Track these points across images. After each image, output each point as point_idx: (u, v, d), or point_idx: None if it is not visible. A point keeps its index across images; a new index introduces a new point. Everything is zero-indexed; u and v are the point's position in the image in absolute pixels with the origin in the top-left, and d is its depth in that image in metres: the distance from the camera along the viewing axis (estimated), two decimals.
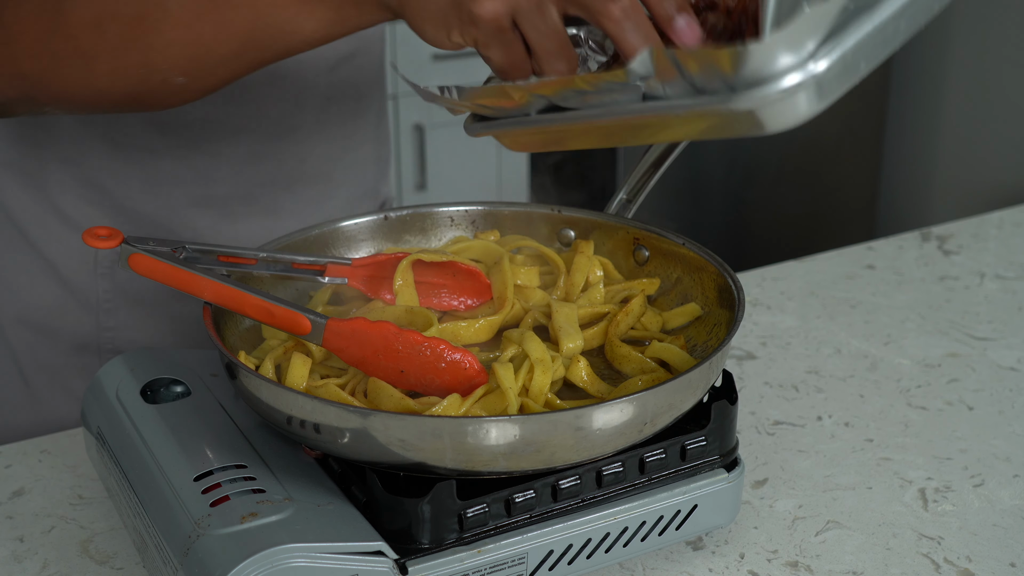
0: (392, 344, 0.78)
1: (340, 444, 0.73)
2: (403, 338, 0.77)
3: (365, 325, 0.78)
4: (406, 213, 0.96)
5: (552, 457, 0.73)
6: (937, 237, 1.40)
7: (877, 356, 1.13)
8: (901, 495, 0.92)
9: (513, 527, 0.75)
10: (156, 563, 0.75)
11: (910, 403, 1.05)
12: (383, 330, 0.78)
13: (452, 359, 0.77)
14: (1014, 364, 1.12)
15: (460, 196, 2.63)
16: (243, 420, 0.82)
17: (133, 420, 0.82)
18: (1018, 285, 1.28)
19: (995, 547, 0.86)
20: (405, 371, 0.78)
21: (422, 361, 0.77)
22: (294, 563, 0.69)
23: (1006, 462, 0.97)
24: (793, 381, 1.09)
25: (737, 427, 0.84)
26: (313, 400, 0.72)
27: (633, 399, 0.73)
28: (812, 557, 0.85)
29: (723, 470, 0.82)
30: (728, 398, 0.82)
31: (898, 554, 0.86)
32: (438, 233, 0.97)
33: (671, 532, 0.81)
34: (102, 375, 0.87)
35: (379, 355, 0.78)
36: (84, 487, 0.92)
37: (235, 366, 0.76)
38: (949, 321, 1.20)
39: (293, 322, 0.79)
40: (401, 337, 0.77)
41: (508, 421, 0.70)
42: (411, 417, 0.71)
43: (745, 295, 0.84)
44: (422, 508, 0.72)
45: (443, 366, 0.77)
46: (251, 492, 0.74)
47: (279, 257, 0.88)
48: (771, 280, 1.29)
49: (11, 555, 0.84)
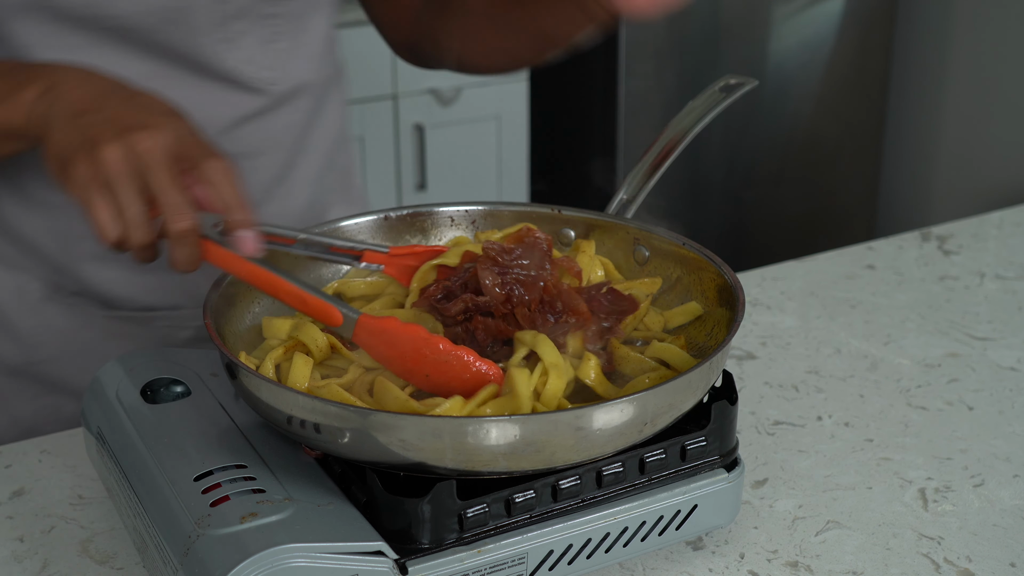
0: (420, 349, 0.78)
1: (340, 444, 0.73)
2: (431, 344, 0.78)
3: (396, 326, 0.79)
4: (406, 213, 0.96)
5: (552, 457, 0.72)
6: (937, 237, 1.40)
7: (877, 356, 1.13)
8: (901, 495, 0.92)
9: (513, 527, 0.75)
10: (156, 563, 0.75)
11: (910, 403, 1.05)
12: (413, 333, 0.78)
13: (478, 369, 0.77)
14: (1014, 364, 1.12)
15: (460, 196, 2.63)
16: (243, 420, 0.82)
17: (133, 420, 0.82)
18: (1018, 285, 1.28)
19: (995, 547, 0.86)
20: (430, 376, 0.78)
21: (448, 368, 0.77)
22: (294, 563, 0.69)
23: (1006, 462, 0.97)
24: (793, 381, 1.09)
25: (737, 427, 0.84)
26: (313, 400, 0.72)
27: (633, 399, 0.73)
28: (812, 557, 0.85)
29: (723, 470, 0.82)
30: (728, 398, 0.82)
31: (898, 554, 0.85)
32: (438, 233, 0.97)
33: (671, 532, 0.81)
34: (102, 375, 0.87)
35: (406, 358, 0.78)
36: (84, 487, 0.92)
37: (235, 366, 0.76)
38: (949, 321, 1.20)
39: (326, 313, 0.80)
40: (430, 343, 0.78)
41: (508, 421, 0.70)
42: (411, 417, 0.71)
43: (745, 295, 0.84)
44: (422, 508, 0.72)
45: (467, 376, 0.77)
46: (251, 492, 0.74)
47: (317, 239, 0.88)
48: (771, 280, 1.29)
49: (11, 555, 0.84)
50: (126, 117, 0.77)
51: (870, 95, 3.07)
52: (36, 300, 1.05)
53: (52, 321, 1.06)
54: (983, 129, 2.98)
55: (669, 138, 1.00)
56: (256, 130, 1.03)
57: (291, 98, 1.05)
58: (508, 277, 0.84)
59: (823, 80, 2.93)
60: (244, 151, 1.03)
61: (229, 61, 0.99)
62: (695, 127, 1.01)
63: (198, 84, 0.99)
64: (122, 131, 0.75)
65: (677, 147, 0.98)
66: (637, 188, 0.97)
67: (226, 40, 0.98)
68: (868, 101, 3.07)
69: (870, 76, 3.04)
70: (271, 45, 1.01)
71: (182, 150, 0.77)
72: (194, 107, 0.91)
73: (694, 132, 1.00)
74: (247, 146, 1.03)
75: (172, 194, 0.75)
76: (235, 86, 1.00)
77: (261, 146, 1.05)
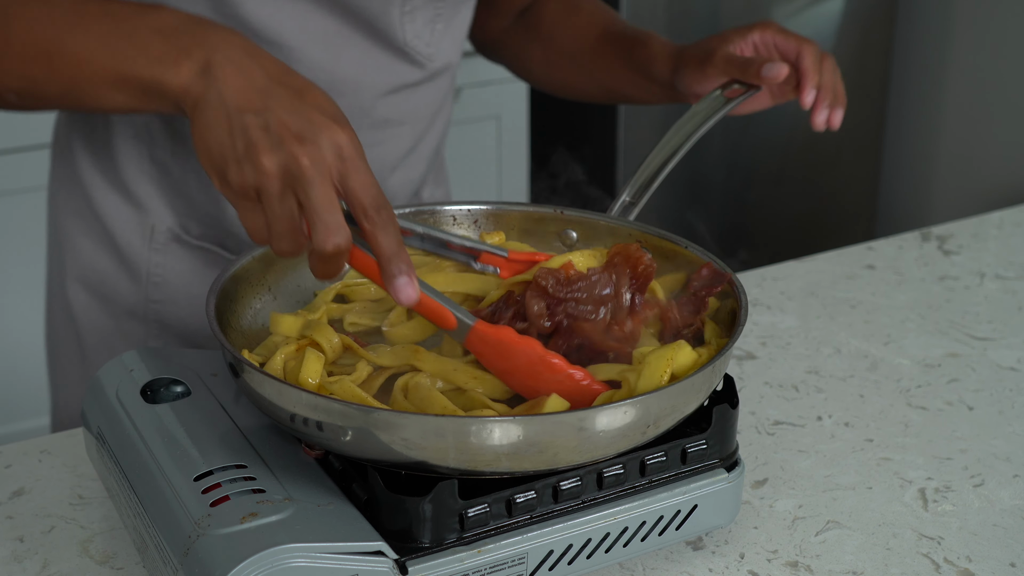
0: (536, 366, 0.78)
1: (343, 442, 0.73)
2: (547, 363, 0.77)
3: (512, 338, 0.78)
4: (408, 212, 0.96)
5: (555, 458, 0.73)
6: (937, 237, 1.40)
7: (877, 356, 1.13)
8: (901, 495, 0.92)
9: (513, 527, 0.75)
10: (156, 563, 0.75)
11: (910, 403, 1.05)
12: (528, 348, 0.78)
13: (593, 390, 0.78)
14: (1014, 364, 1.12)
15: (460, 196, 2.63)
16: (243, 420, 0.82)
17: (133, 420, 0.82)
18: (1018, 285, 1.28)
19: (995, 547, 0.86)
20: (538, 388, 0.78)
21: (562, 388, 0.77)
22: (294, 563, 0.69)
23: (1006, 462, 0.97)
24: (793, 381, 1.09)
25: (737, 428, 0.84)
26: (316, 397, 0.72)
27: (636, 402, 0.73)
28: (812, 557, 0.85)
29: (723, 470, 0.82)
30: (729, 402, 0.82)
31: (898, 554, 0.86)
32: None
33: (671, 532, 0.81)
34: (102, 375, 0.87)
35: (519, 371, 0.78)
36: (84, 487, 0.92)
37: (240, 362, 0.76)
38: (949, 321, 1.20)
39: (440, 316, 0.79)
40: (545, 362, 0.77)
41: (511, 422, 0.70)
42: (414, 416, 0.72)
43: (747, 297, 0.84)
44: (423, 507, 0.72)
45: (577, 394, 0.77)
46: (251, 492, 0.74)
47: (435, 234, 0.87)
48: (771, 280, 1.29)
49: (11, 555, 0.84)
50: (290, 123, 0.73)
51: (870, 95, 3.07)
52: (164, 240, 1.09)
53: (175, 263, 1.10)
54: (983, 129, 2.98)
55: (672, 141, 1.00)
56: (406, 100, 1.09)
57: (436, 76, 1.11)
58: (559, 308, 0.83)
59: None
60: (392, 118, 1.09)
61: (406, 33, 1.05)
62: (698, 131, 1.01)
63: (372, 49, 1.04)
64: (283, 141, 0.73)
65: (680, 151, 0.99)
66: (640, 191, 0.97)
67: (405, 13, 1.04)
68: (868, 101, 3.07)
69: (870, 76, 3.04)
70: (432, 24, 1.07)
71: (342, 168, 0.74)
72: (365, 70, 1.03)
73: (697, 136, 1.01)
74: (397, 113, 1.09)
75: (325, 214, 0.72)
76: (403, 56, 1.06)
77: (405, 116, 1.10)
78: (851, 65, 2.99)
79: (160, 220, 1.09)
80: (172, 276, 1.10)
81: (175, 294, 1.11)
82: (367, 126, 1.07)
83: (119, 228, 1.10)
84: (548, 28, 1.24)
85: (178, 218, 1.09)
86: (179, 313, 1.11)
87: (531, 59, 1.26)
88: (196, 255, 1.10)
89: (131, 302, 1.11)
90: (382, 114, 1.08)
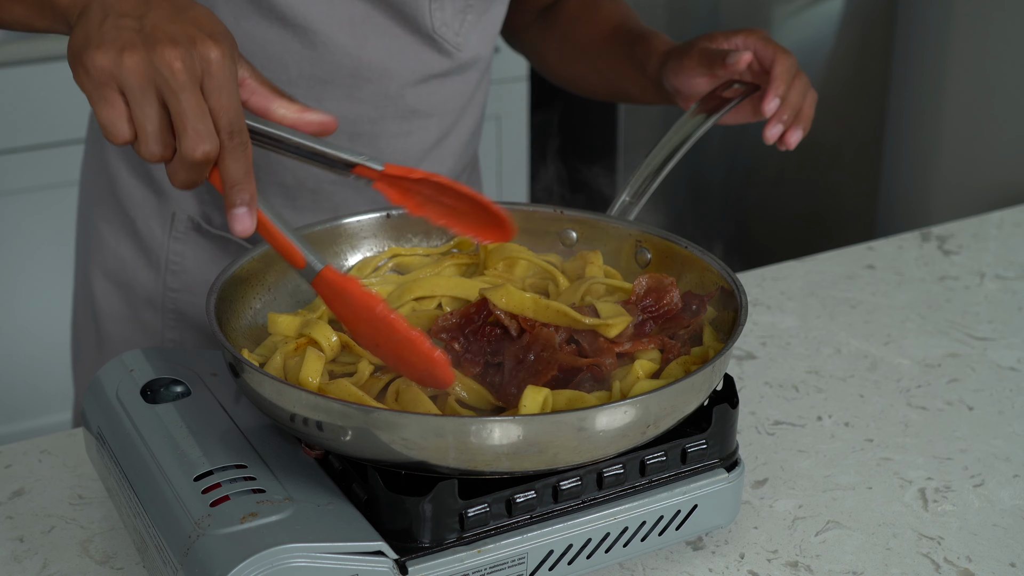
0: (376, 322, 0.77)
1: (343, 442, 0.73)
2: (385, 321, 0.77)
3: (356, 289, 0.78)
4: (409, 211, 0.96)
5: (555, 458, 0.73)
6: (937, 237, 1.40)
7: (877, 356, 1.13)
8: (901, 495, 0.92)
9: (513, 527, 0.75)
10: (156, 563, 0.75)
11: (910, 403, 1.05)
12: (370, 303, 0.77)
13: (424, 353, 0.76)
14: (1014, 364, 1.12)
15: None
16: (243, 420, 0.82)
17: (133, 420, 0.82)
18: (1018, 285, 1.28)
19: (995, 547, 0.86)
20: (380, 346, 0.78)
21: (396, 346, 0.77)
22: (294, 563, 0.69)
23: (1006, 462, 0.97)
24: (793, 381, 1.09)
25: (737, 428, 0.84)
26: (317, 397, 0.72)
27: (636, 401, 0.73)
28: (812, 557, 0.85)
29: (723, 470, 0.82)
30: (729, 402, 0.82)
31: (898, 554, 0.86)
32: (440, 232, 0.97)
33: (671, 532, 0.81)
34: (102, 375, 0.87)
35: (360, 322, 0.78)
36: (84, 487, 0.92)
37: (240, 363, 0.76)
38: (949, 321, 1.20)
39: (289, 252, 0.77)
40: (384, 321, 0.77)
41: (512, 422, 0.70)
42: (414, 416, 0.72)
43: (747, 297, 0.84)
44: (423, 507, 0.72)
45: (415, 358, 0.76)
46: (251, 492, 0.74)
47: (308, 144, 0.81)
48: (771, 280, 1.29)
49: (11, 555, 0.84)
50: (166, 29, 0.72)
51: (870, 95, 3.07)
52: (184, 229, 1.10)
53: (194, 252, 1.11)
54: (983, 129, 2.98)
55: (672, 141, 1.00)
56: (434, 91, 1.09)
57: (465, 68, 1.11)
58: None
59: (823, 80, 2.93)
60: (420, 108, 1.09)
61: (434, 20, 1.05)
62: (697, 131, 1.01)
63: (402, 36, 1.04)
64: (156, 43, 0.71)
65: (680, 150, 0.99)
66: (640, 191, 0.97)
67: (436, 1, 1.04)
68: (868, 101, 3.07)
69: (870, 76, 3.04)
70: (462, 15, 1.07)
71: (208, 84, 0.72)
72: (392, 57, 1.04)
73: (696, 136, 1.00)
74: (424, 104, 1.09)
75: (196, 120, 0.71)
76: (432, 44, 1.06)
77: (433, 108, 1.10)
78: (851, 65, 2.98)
79: (182, 208, 1.09)
80: (190, 264, 1.11)
81: (193, 283, 1.12)
82: (393, 115, 1.07)
83: (141, 215, 1.11)
84: (566, 23, 1.25)
85: (201, 207, 1.09)
86: (196, 302, 1.12)
87: (548, 53, 1.28)
88: (215, 244, 1.10)
89: (149, 290, 1.12)
90: (409, 104, 1.08)
